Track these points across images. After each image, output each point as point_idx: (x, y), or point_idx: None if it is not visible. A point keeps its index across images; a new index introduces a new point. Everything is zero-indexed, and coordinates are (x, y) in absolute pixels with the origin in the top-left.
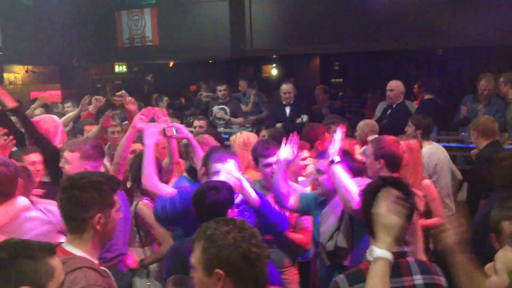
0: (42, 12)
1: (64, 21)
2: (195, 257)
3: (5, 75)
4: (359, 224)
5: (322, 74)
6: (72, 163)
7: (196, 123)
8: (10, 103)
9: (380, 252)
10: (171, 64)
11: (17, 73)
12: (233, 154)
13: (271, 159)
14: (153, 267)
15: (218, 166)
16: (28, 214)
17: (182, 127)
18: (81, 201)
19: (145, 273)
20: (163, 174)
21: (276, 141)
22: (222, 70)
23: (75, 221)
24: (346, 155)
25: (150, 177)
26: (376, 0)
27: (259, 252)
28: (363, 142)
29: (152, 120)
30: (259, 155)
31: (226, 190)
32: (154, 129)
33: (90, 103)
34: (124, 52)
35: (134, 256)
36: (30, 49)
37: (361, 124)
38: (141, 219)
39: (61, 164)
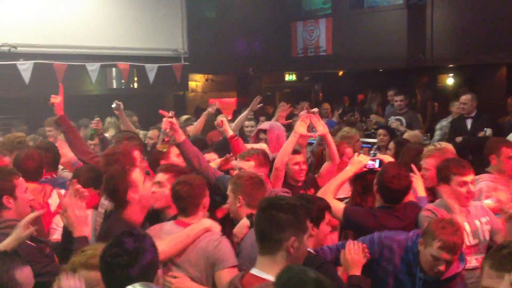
0: (223, 24)
1: (242, 33)
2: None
3: (189, 83)
4: None
5: (509, 85)
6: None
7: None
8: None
9: None
10: (340, 73)
11: (198, 82)
12: None
13: (467, 178)
14: None
15: None
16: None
17: (385, 158)
18: (278, 221)
19: None
20: None
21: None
22: (393, 79)
23: (269, 242)
24: None
25: (326, 193)
26: None
27: None
28: None
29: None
30: (452, 172)
31: None
32: (362, 159)
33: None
34: (297, 61)
35: None
36: (211, 59)
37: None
38: None
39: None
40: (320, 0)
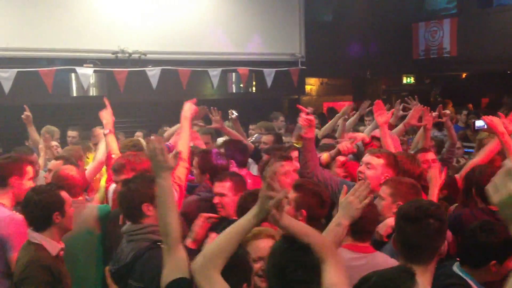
0: (340, 27)
1: (360, 35)
2: None
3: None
4: None
5: None
6: (376, 168)
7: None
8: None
9: None
10: (463, 75)
11: (312, 85)
12: None
13: None
14: None
15: None
16: None
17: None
18: (435, 230)
19: None
20: None
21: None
22: None
23: (428, 251)
24: None
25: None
26: None
27: None
28: None
29: None
30: None
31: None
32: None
33: None
34: (417, 63)
35: None
36: (327, 62)
37: None
38: None
39: (361, 169)
40: (444, 0)
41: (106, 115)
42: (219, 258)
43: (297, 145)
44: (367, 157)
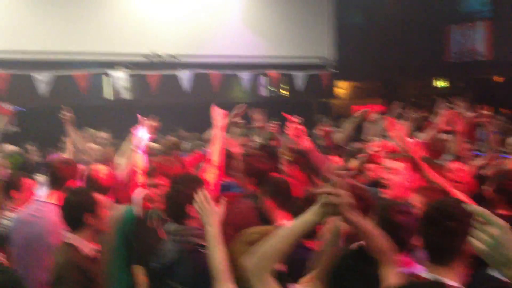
0: (371, 30)
1: (391, 38)
2: None
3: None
4: None
5: None
6: (399, 172)
7: None
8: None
9: None
10: (497, 79)
11: (342, 89)
12: None
13: None
14: None
15: None
16: None
17: None
18: (454, 231)
19: None
20: None
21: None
22: None
23: (450, 252)
24: None
25: None
26: None
27: None
28: None
29: None
30: None
31: None
32: None
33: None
34: (449, 67)
35: None
36: (357, 66)
37: None
38: None
39: (384, 175)
40: (478, 2)
41: (139, 137)
42: (273, 260)
43: (289, 158)
44: (387, 163)
